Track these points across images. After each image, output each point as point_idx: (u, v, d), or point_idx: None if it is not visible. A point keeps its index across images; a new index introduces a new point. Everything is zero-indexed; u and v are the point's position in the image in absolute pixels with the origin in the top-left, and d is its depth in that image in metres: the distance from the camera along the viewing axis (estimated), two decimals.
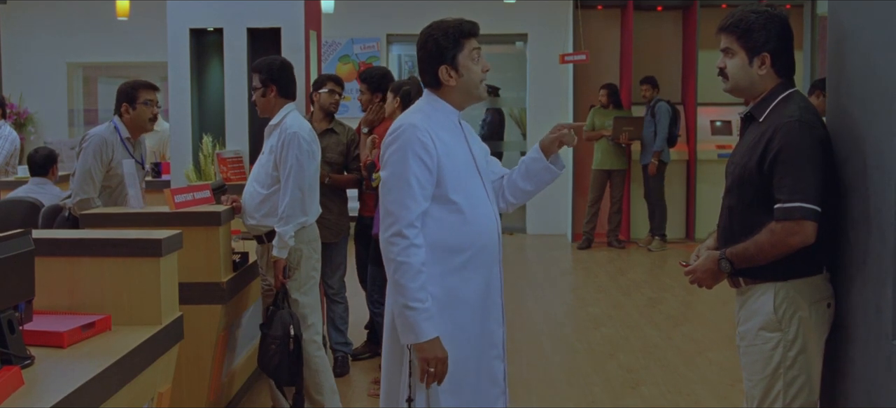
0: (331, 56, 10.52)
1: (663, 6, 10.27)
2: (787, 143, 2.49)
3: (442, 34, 2.70)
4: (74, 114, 11.20)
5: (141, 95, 4.34)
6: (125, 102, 4.34)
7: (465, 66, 2.70)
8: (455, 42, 2.69)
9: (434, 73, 2.71)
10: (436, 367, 2.58)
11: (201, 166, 5.50)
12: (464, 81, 2.72)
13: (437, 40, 2.69)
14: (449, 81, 2.71)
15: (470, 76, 2.72)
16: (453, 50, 2.69)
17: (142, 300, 2.93)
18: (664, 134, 9.14)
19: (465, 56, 2.70)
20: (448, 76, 2.70)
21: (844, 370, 2.56)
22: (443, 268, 2.64)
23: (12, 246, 2.40)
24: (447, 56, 2.69)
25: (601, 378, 5.12)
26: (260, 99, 4.10)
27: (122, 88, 4.40)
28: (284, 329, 3.97)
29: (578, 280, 8.23)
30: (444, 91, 2.74)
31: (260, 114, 4.20)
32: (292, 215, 3.93)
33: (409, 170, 2.59)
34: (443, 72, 2.70)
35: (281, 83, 4.07)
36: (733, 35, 2.65)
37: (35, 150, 5.81)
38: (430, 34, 2.72)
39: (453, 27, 2.71)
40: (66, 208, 4.36)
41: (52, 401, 2.14)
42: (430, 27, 2.75)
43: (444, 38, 2.69)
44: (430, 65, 2.71)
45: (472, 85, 2.73)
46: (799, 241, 2.47)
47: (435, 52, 2.70)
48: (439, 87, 2.74)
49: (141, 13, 9.94)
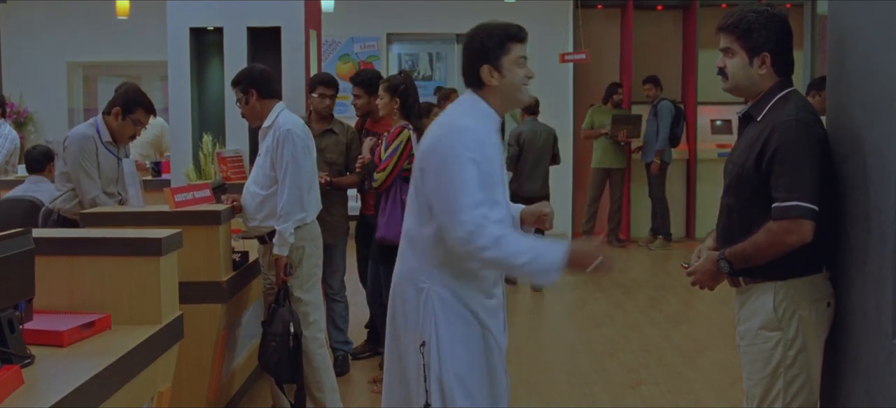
0: (331, 55, 10.51)
1: (663, 5, 10.27)
2: (784, 142, 2.49)
3: (487, 35, 2.68)
4: (74, 113, 11.20)
5: (137, 113, 4.33)
6: (121, 108, 4.31)
7: (509, 69, 2.68)
8: (500, 44, 2.67)
9: (476, 73, 2.69)
10: (591, 260, 2.53)
11: (201, 165, 5.49)
12: (506, 83, 2.68)
13: (482, 40, 2.68)
14: (491, 81, 2.67)
15: (512, 78, 2.68)
16: (498, 51, 2.67)
17: (142, 299, 2.93)
18: (666, 133, 9.14)
19: (509, 59, 2.68)
20: (490, 76, 2.67)
21: (844, 369, 2.56)
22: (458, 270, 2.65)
23: (12, 245, 2.40)
24: (491, 56, 2.67)
25: (601, 378, 5.12)
26: (245, 108, 4.09)
27: (126, 94, 4.37)
28: (284, 327, 3.98)
29: (578, 280, 8.22)
30: (485, 92, 2.70)
31: (251, 124, 4.20)
32: (291, 212, 3.93)
33: (466, 170, 2.54)
34: (485, 71, 2.67)
35: (259, 85, 4.06)
36: (733, 35, 2.64)
37: (32, 147, 5.80)
38: (476, 34, 2.71)
39: (500, 29, 2.70)
40: (56, 211, 4.36)
41: (52, 400, 2.14)
42: (478, 27, 2.73)
43: (490, 38, 2.68)
44: (473, 64, 2.69)
45: (513, 88, 2.70)
46: (797, 240, 2.47)
47: (479, 52, 2.68)
48: (481, 88, 2.71)
49: (141, 12, 9.94)
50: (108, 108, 4.37)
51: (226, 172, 5.32)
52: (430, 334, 2.64)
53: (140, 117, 4.35)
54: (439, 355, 2.63)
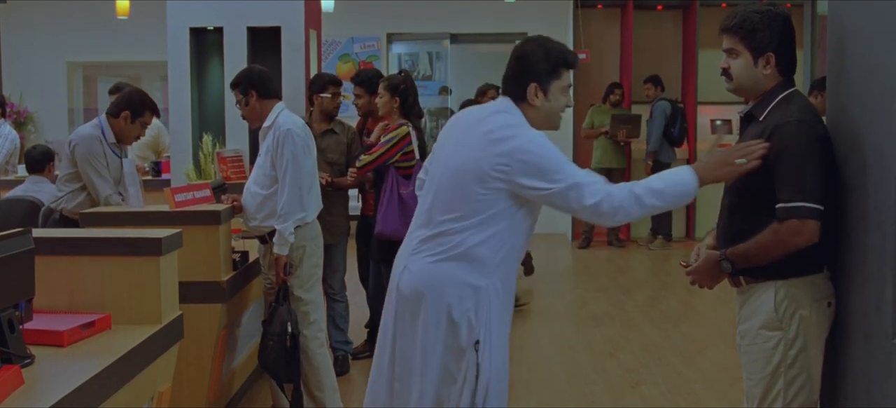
0: (331, 55, 10.52)
1: (663, 5, 10.27)
2: (787, 142, 2.49)
3: (545, 56, 2.68)
4: (74, 113, 11.20)
5: (146, 116, 4.41)
6: (130, 111, 4.35)
7: (554, 95, 2.69)
8: (554, 68, 2.68)
9: (523, 88, 2.68)
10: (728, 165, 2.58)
11: (201, 165, 5.49)
12: (548, 107, 2.70)
13: (538, 58, 2.67)
14: (534, 101, 2.68)
15: (555, 105, 2.70)
16: (550, 75, 2.67)
17: (142, 299, 2.93)
18: (658, 133, 9.17)
19: (558, 85, 2.69)
20: (535, 96, 2.68)
21: (844, 369, 2.56)
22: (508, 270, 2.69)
23: (12, 245, 2.40)
24: (542, 78, 2.67)
25: (601, 378, 5.12)
26: (245, 110, 4.10)
27: (134, 97, 4.42)
28: (282, 326, 3.99)
29: (578, 279, 8.23)
30: (524, 107, 2.70)
31: (251, 125, 4.20)
32: (291, 212, 3.93)
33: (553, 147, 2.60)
34: (531, 90, 2.67)
35: (258, 86, 4.06)
36: (737, 35, 2.64)
37: (32, 147, 5.81)
38: (533, 50, 2.69)
39: (557, 53, 2.70)
40: (57, 211, 4.38)
41: (52, 400, 2.14)
42: (536, 41, 2.72)
43: (546, 60, 2.67)
44: (522, 78, 2.68)
45: (553, 113, 2.72)
46: (804, 240, 2.47)
47: (531, 69, 2.67)
48: (521, 102, 2.70)
49: (141, 12, 9.94)
50: (114, 110, 4.39)
51: (226, 172, 5.32)
52: (485, 333, 2.64)
53: (147, 119, 4.43)
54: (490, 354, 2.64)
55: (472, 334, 2.64)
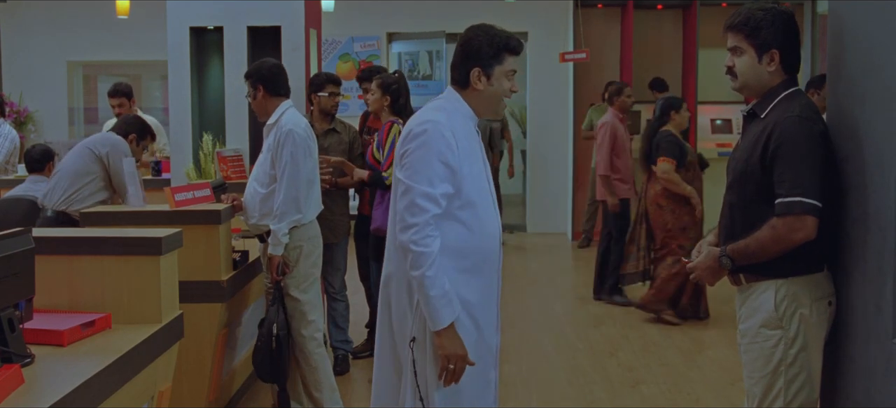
0: (331, 54, 10.51)
1: (663, 4, 10.26)
2: (786, 138, 2.49)
3: (487, 40, 2.69)
4: (74, 112, 11.20)
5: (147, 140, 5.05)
6: (137, 135, 4.90)
7: (497, 79, 2.71)
8: (497, 52, 2.69)
9: (466, 73, 2.71)
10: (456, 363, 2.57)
11: (201, 165, 5.50)
12: (491, 91, 2.72)
13: (481, 43, 2.69)
14: (477, 85, 2.70)
15: (498, 88, 2.72)
16: (492, 59, 2.69)
17: (142, 299, 2.93)
18: None
19: (501, 70, 2.70)
20: (478, 81, 2.70)
21: (844, 369, 2.56)
22: (448, 266, 2.62)
23: (12, 244, 2.40)
24: (484, 62, 2.69)
25: (601, 377, 5.12)
26: (254, 102, 4.15)
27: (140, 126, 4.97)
28: (269, 327, 4.01)
29: (578, 279, 8.22)
30: (468, 93, 2.73)
31: (259, 118, 4.22)
32: (287, 213, 3.94)
33: (433, 169, 2.56)
34: (474, 74, 2.69)
35: (268, 82, 4.09)
36: (742, 33, 2.64)
37: (32, 146, 5.81)
38: (476, 35, 2.71)
39: (500, 39, 2.71)
40: (47, 208, 4.44)
41: (52, 399, 2.14)
42: (479, 28, 2.74)
43: (488, 45, 2.69)
44: (467, 63, 2.71)
45: (495, 98, 2.74)
46: (802, 236, 2.47)
47: (474, 54, 2.69)
48: (465, 88, 2.73)
49: (141, 12, 9.94)
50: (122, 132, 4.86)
51: (226, 172, 5.32)
52: (420, 331, 2.64)
53: (148, 143, 5.13)
54: (426, 352, 2.63)
55: (411, 330, 2.66)
